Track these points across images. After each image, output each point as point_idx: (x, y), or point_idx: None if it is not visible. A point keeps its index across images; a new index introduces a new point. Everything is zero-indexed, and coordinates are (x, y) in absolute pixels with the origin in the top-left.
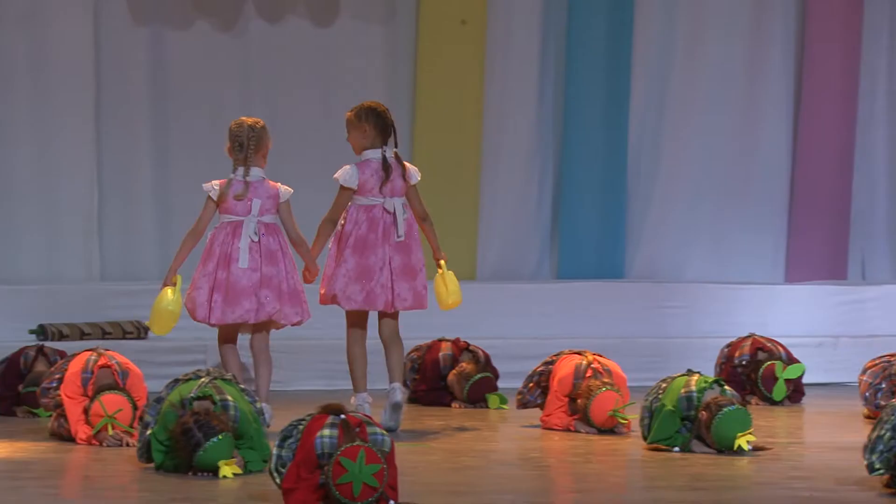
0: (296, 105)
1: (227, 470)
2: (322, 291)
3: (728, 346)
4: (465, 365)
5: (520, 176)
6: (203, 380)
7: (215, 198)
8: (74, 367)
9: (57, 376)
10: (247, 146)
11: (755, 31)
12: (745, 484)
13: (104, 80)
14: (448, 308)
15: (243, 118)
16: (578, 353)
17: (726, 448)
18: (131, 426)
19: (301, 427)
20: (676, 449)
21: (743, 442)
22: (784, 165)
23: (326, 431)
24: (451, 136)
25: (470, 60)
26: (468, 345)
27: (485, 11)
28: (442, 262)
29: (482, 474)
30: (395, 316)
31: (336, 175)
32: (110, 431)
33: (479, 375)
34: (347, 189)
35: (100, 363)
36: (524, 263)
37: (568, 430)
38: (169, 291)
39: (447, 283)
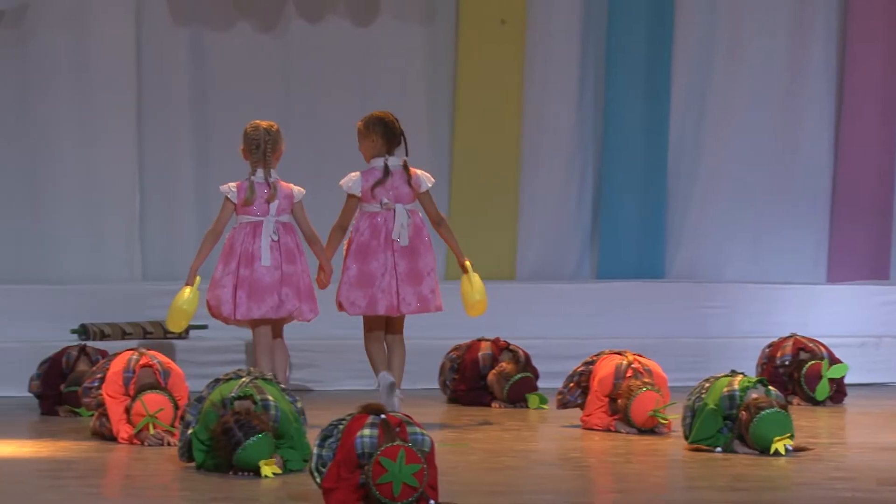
0: (335, 105)
1: (267, 470)
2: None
3: (769, 346)
4: (505, 365)
5: (559, 176)
6: (244, 379)
7: (234, 200)
8: (116, 366)
9: (98, 376)
10: (264, 148)
11: (796, 30)
12: (787, 485)
13: (145, 81)
14: (474, 314)
15: (258, 121)
16: (619, 353)
17: (764, 450)
18: (172, 425)
19: (341, 427)
20: (718, 449)
21: (780, 446)
22: (826, 164)
23: (367, 431)
24: (490, 136)
25: (509, 60)
26: (508, 344)
27: (524, 11)
28: (466, 264)
29: (522, 474)
30: (400, 320)
31: (341, 183)
32: (151, 431)
33: (519, 375)
34: (353, 196)
35: (141, 362)
36: (564, 263)
37: (608, 430)
38: (187, 290)
39: (473, 287)
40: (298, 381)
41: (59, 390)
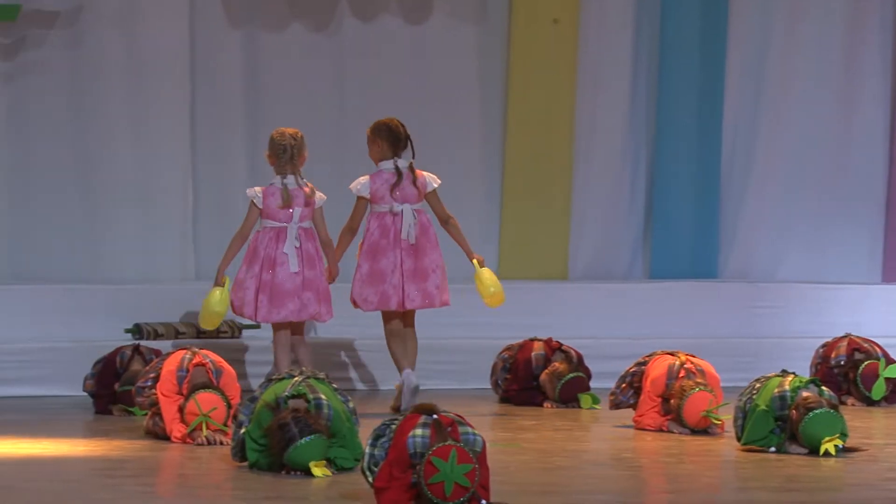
0: (388, 104)
1: (317, 471)
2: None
3: (824, 346)
4: (558, 365)
5: (612, 175)
6: (297, 379)
7: (259, 205)
8: (169, 365)
9: (152, 375)
10: (290, 153)
11: (851, 27)
12: (840, 485)
13: (199, 81)
14: (494, 305)
15: (283, 128)
16: (671, 354)
17: (814, 450)
18: (225, 425)
19: (394, 426)
20: (772, 449)
21: (830, 446)
22: (881, 162)
23: (419, 431)
24: (543, 135)
25: (562, 59)
26: (561, 345)
27: (577, 10)
28: (475, 261)
29: (574, 474)
30: (410, 314)
31: (351, 186)
32: (204, 431)
33: (571, 375)
34: (362, 198)
35: (194, 361)
36: (617, 263)
37: (661, 430)
38: (217, 292)
39: (483, 282)
40: (350, 381)
41: (113, 389)
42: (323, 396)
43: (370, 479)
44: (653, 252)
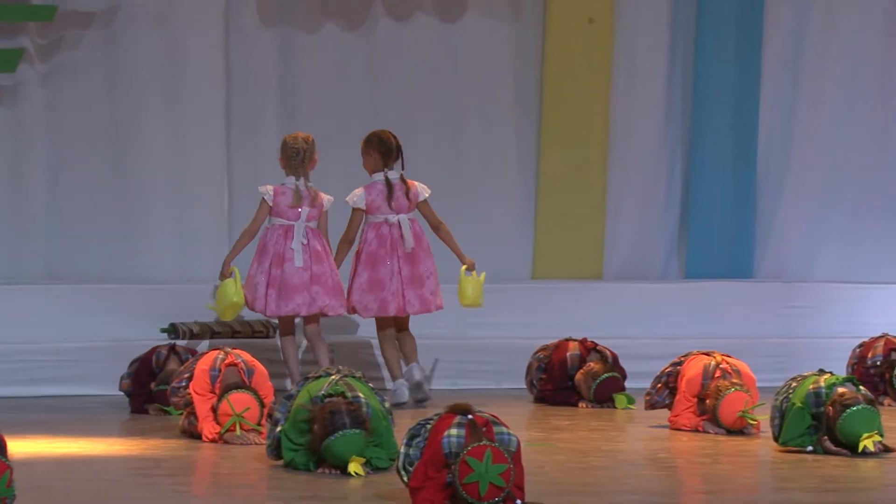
0: (422, 104)
1: (354, 467)
2: (343, 301)
3: (860, 346)
4: (593, 365)
5: (647, 174)
6: (333, 377)
7: (270, 202)
8: (203, 365)
9: (186, 375)
10: (302, 157)
11: (890, 25)
12: (877, 485)
13: (234, 82)
14: (467, 306)
15: (296, 133)
16: (707, 354)
17: (852, 447)
18: (259, 424)
19: (429, 426)
20: (809, 448)
21: (869, 443)
22: None
23: (454, 431)
24: (577, 134)
25: (597, 59)
26: (596, 345)
27: (612, 9)
28: (463, 267)
29: (609, 474)
30: (406, 319)
31: (347, 199)
32: (238, 431)
33: (606, 375)
34: (358, 210)
35: (227, 361)
36: (651, 263)
37: (696, 430)
38: (230, 283)
39: (464, 288)
40: (383, 381)
41: (149, 389)
42: (361, 395)
43: (405, 478)
44: (688, 252)
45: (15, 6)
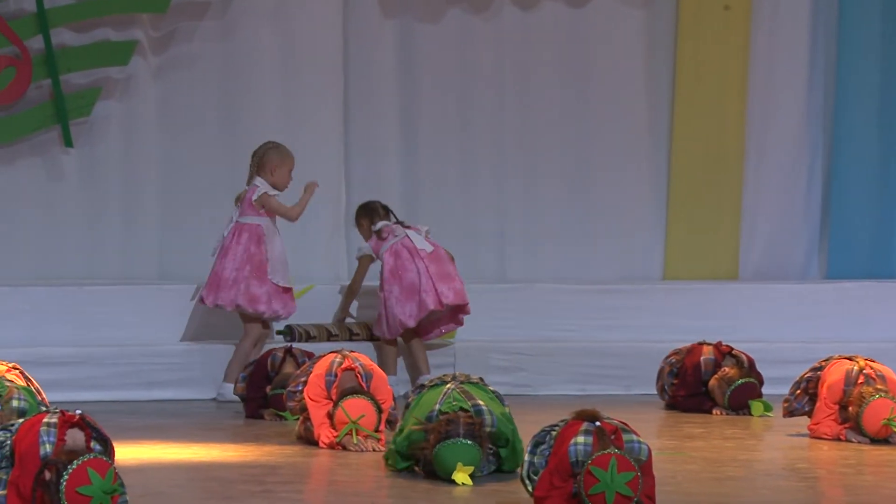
0: (550, 93)
1: (462, 476)
2: (386, 329)
3: None
4: (728, 370)
5: (786, 170)
6: (449, 385)
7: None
8: (319, 369)
9: (303, 379)
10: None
11: None
12: None
13: (352, 73)
14: None
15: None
16: (849, 358)
17: None
18: (376, 430)
19: (554, 433)
20: None
21: None
22: None
23: (581, 439)
24: (712, 127)
25: (733, 48)
26: (731, 349)
27: None
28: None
29: (746, 485)
30: (420, 325)
31: (356, 256)
32: (354, 438)
33: (741, 381)
34: (366, 257)
35: (343, 366)
36: (791, 262)
37: (838, 439)
38: None
39: None
40: (506, 386)
41: (265, 392)
42: (481, 402)
43: (530, 487)
44: (830, 251)
45: None
